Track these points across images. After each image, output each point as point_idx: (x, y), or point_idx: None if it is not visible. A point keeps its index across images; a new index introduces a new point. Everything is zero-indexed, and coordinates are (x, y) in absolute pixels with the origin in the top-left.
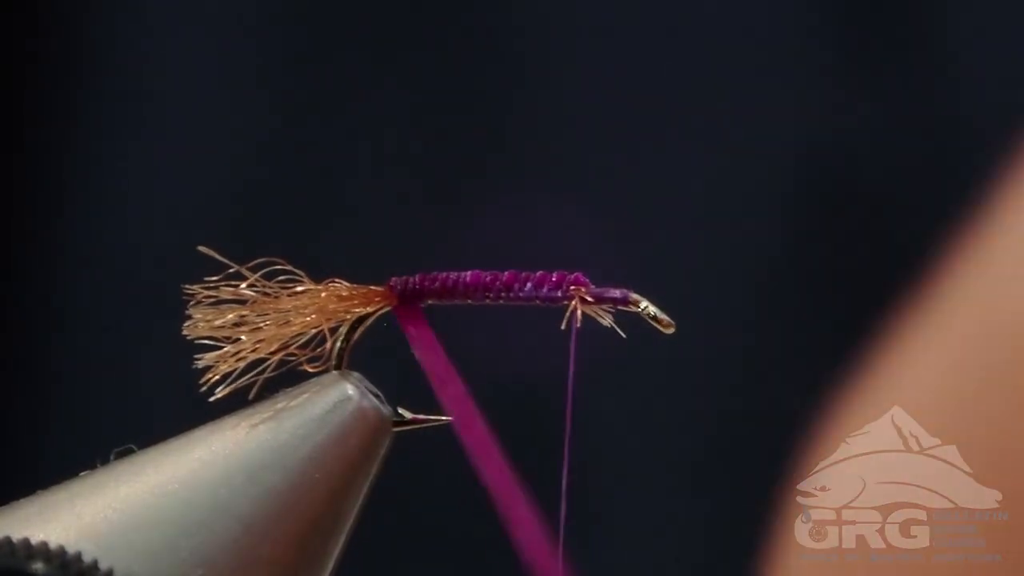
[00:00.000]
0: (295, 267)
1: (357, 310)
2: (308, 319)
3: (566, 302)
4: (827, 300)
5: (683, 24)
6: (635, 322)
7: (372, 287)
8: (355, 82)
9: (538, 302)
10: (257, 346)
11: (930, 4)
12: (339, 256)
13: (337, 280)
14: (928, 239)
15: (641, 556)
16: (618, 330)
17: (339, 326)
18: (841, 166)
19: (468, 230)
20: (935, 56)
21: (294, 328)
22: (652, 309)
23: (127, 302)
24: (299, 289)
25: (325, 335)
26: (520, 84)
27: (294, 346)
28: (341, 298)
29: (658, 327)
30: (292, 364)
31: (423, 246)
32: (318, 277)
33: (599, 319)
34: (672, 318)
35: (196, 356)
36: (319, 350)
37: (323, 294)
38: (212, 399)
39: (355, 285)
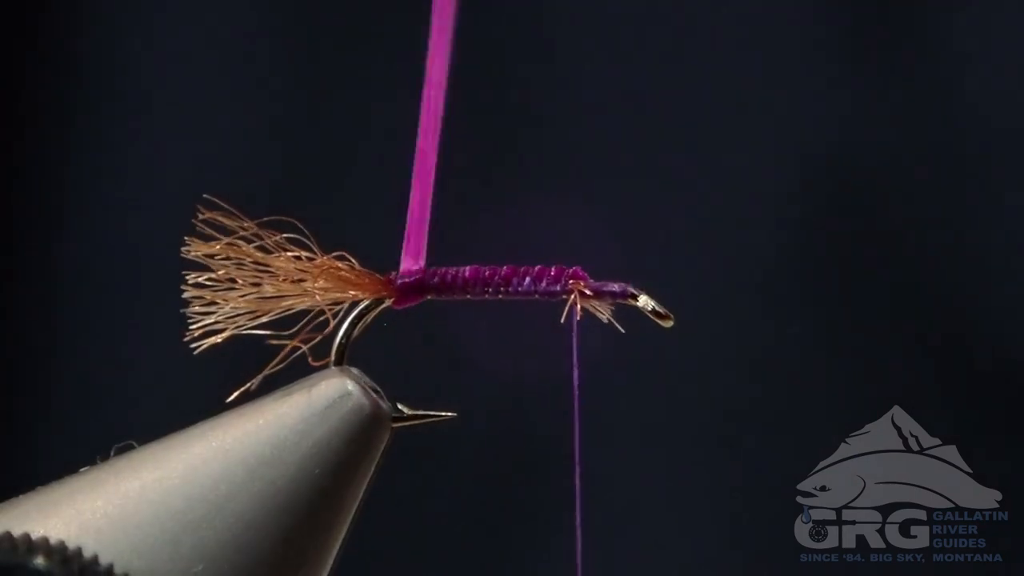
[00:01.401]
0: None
1: (354, 293)
2: (304, 292)
3: (565, 296)
4: (828, 300)
5: (685, 24)
6: (635, 320)
7: (373, 274)
8: (353, 80)
9: (537, 296)
10: (249, 301)
11: (933, 6)
12: (337, 250)
13: (344, 254)
14: (930, 238)
15: (641, 555)
16: (616, 325)
17: (335, 312)
18: (841, 166)
19: (467, 225)
20: (936, 57)
21: (290, 301)
22: (651, 303)
23: (128, 298)
24: (301, 254)
25: (325, 312)
26: (523, 81)
27: (291, 330)
28: (340, 278)
29: (657, 321)
30: (291, 358)
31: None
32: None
33: (598, 313)
34: (672, 316)
35: (189, 336)
36: (317, 338)
37: (326, 265)
38: (195, 352)
39: (357, 268)
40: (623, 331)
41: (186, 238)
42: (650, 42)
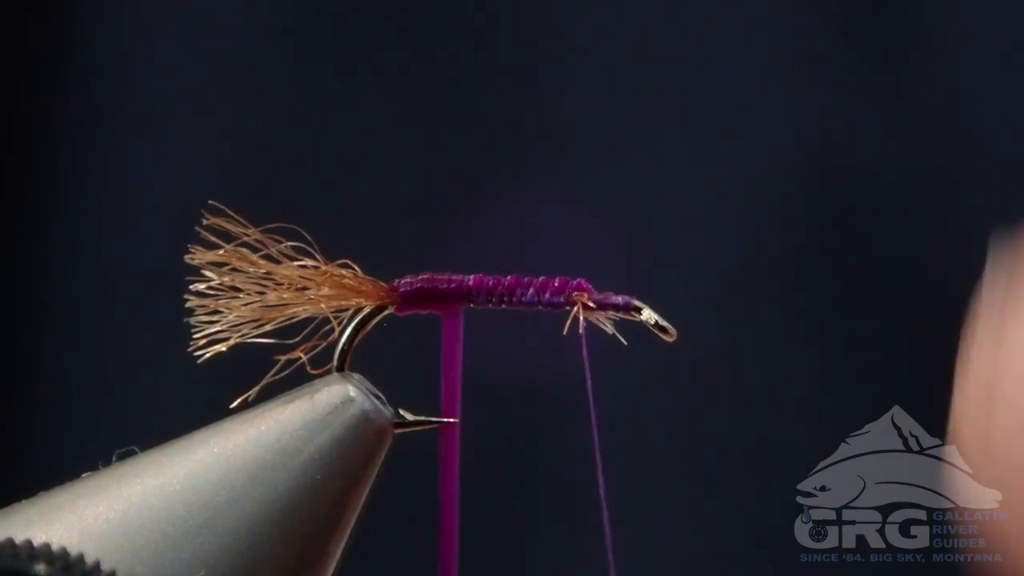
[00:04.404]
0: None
1: (357, 301)
2: (308, 300)
3: (568, 308)
4: (828, 301)
5: (685, 25)
6: (637, 323)
7: (377, 281)
8: (357, 81)
9: (540, 307)
10: (253, 310)
11: (930, 5)
12: (340, 256)
13: (348, 261)
14: (929, 238)
15: (640, 555)
16: (620, 337)
17: (339, 319)
18: (841, 167)
19: (472, 234)
20: (936, 56)
21: (293, 309)
22: (654, 317)
23: (130, 302)
24: (306, 263)
25: (329, 319)
26: (525, 87)
27: (294, 338)
28: (344, 286)
29: (660, 335)
30: (294, 365)
31: (427, 249)
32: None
33: (601, 326)
34: (674, 320)
35: (193, 346)
36: (321, 344)
37: (330, 273)
38: (200, 361)
39: (360, 276)
40: (624, 341)
41: (190, 246)
42: (654, 49)
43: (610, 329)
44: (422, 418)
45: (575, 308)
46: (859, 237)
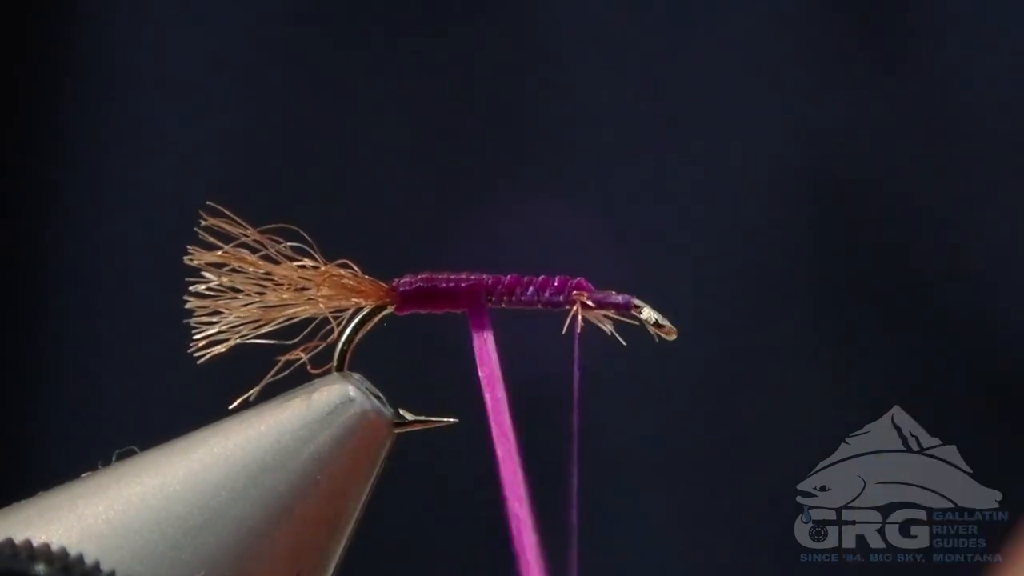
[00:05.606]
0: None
1: (356, 301)
2: (307, 300)
3: (568, 307)
4: (827, 301)
5: (685, 26)
6: (635, 320)
7: (376, 281)
8: (356, 81)
9: (540, 306)
10: (252, 310)
11: (930, 5)
12: (339, 256)
13: (347, 261)
14: (929, 239)
15: (641, 556)
16: (619, 338)
17: (338, 319)
18: (841, 168)
19: (471, 233)
20: (935, 56)
21: (293, 309)
22: (654, 315)
23: (130, 302)
24: (306, 263)
25: (328, 319)
26: (526, 88)
27: (293, 338)
28: (343, 286)
29: (660, 333)
30: (294, 365)
31: (426, 250)
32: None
33: (600, 325)
34: (674, 319)
35: (193, 347)
36: (321, 345)
37: (329, 273)
38: (200, 362)
39: (360, 276)
40: (625, 334)
41: (189, 247)
42: (653, 51)
43: (608, 329)
44: (422, 418)
45: (575, 307)
46: (859, 237)
